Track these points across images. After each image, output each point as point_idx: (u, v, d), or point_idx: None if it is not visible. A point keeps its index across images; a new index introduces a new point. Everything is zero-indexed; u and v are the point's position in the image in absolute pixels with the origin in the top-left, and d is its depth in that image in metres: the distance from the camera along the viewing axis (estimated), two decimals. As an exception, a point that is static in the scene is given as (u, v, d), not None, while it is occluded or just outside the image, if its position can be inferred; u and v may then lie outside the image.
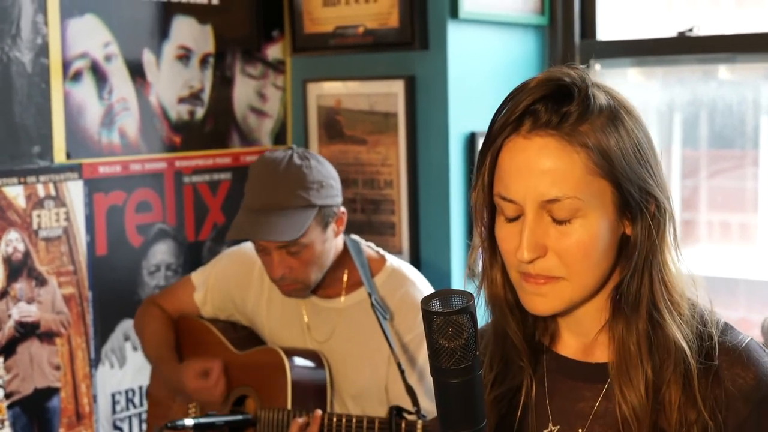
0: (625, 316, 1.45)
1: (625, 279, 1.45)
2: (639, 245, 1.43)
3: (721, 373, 1.42)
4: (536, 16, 3.39)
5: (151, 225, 3.15)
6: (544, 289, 1.43)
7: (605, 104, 1.42)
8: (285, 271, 2.64)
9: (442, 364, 1.33)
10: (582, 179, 1.39)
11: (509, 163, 1.42)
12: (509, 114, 1.42)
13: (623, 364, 1.44)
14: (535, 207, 1.40)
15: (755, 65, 3.30)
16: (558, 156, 1.39)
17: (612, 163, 1.39)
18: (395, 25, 3.20)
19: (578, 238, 1.40)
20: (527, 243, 1.40)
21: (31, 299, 2.84)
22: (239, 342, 2.83)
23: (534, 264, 1.42)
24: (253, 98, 3.44)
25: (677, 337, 1.43)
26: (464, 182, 3.22)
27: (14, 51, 2.78)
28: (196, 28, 3.25)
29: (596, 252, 1.41)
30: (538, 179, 1.39)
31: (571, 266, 1.41)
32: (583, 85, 1.42)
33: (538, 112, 1.40)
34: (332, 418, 2.52)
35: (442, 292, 1.33)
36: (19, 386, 2.83)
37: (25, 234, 2.82)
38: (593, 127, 1.39)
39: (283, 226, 2.57)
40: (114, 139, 3.04)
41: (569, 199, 1.38)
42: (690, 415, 1.41)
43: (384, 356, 2.66)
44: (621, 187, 1.40)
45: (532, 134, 1.40)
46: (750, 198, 3.37)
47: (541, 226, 1.40)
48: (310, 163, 2.64)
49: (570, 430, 1.50)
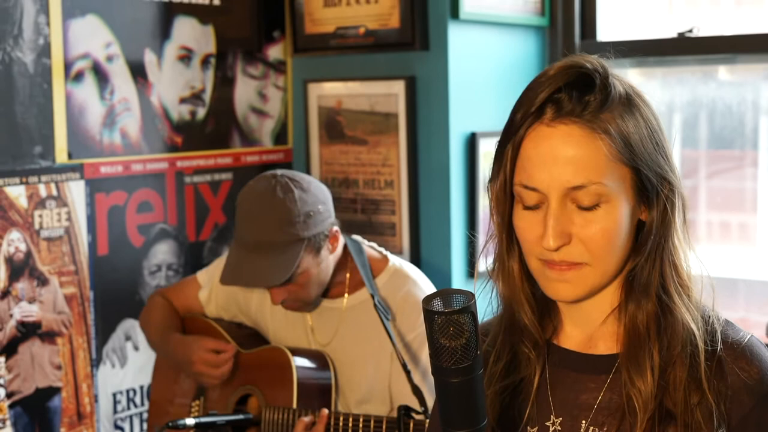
0: (636, 299, 1.47)
1: (639, 263, 1.47)
2: (654, 230, 1.46)
3: (725, 366, 1.44)
4: (536, 17, 3.39)
5: (153, 225, 3.16)
6: (569, 275, 1.45)
7: (623, 92, 1.45)
8: (284, 296, 2.66)
9: (443, 364, 1.33)
10: (606, 165, 1.40)
11: (533, 151, 1.43)
12: (530, 104, 1.43)
13: (632, 347, 1.46)
14: (560, 195, 1.41)
15: (755, 66, 3.31)
16: (583, 143, 1.40)
17: (632, 149, 1.42)
18: (396, 25, 3.20)
19: (603, 224, 1.42)
20: (553, 231, 1.41)
21: (33, 299, 2.85)
22: (244, 340, 2.83)
23: (559, 251, 1.43)
24: (254, 98, 3.44)
25: (686, 319, 1.45)
26: (465, 182, 3.23)
27: (16, 51, 2.78)
28: (197, 29, 3.26)
29: (619, 238, 1.43)
30: (563, 167, 1.41)
31: (595, 252, 1.43)
32: (604, 72, 1.44)
33: (560, 100, 1.42)
34: (339, 418, 2.53)
35: (443, 292, 1.34)
36: (20, 386, 2.84)
37: (26, 234, 2.82)
38: (614, 115, 1.42)
39: (274, 268, 2.58)
40: (115, 140, 3.04)
41: (594, 185, 1.40)
42: (694, 396, 1.42)
43: (387, 356, 2.66)
44: (640, 173, 1.43)
45: (556, 122, 1.42)
46: (749, 198, 3.37)
47: (566, 213, 1.42)
48: (294, 196, 2.61)
49: (573, 421, 1.51)
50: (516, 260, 1.52)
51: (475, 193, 3.22)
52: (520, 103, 1.45)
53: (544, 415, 1.53)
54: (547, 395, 1.54)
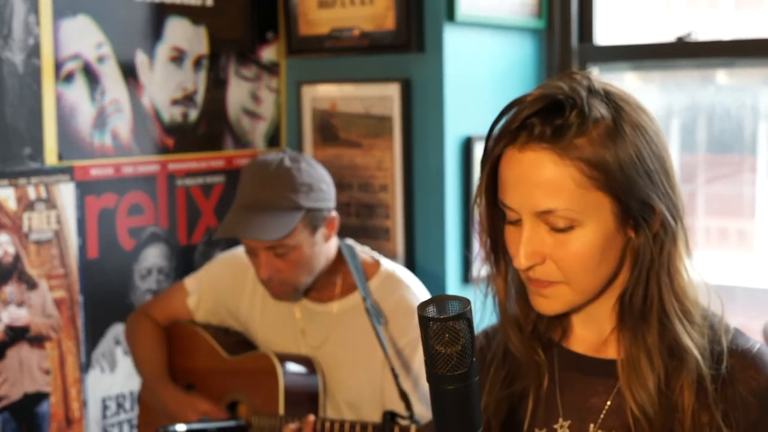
0: (632, 325, 1.48)
1: (629, 286, 1.48)
2: (642, 254, 1.46)
3: (734, 375, 1.45)
4: (534, 20, 3.37)
5: (143, 228, 3.13)
6: (546, 292, 1.47)
7: (604, 115, 1.43)
8: (272, 273, 2.65)
9: (439, 371, 1.32)
10: (575, 192, 1.41)
11: (507, 173, 1.46)
12: (507, 125, 1.46)
13: (631, 371, 1.47)
14: (531, 217, 1.44)
15: (753, 70, 3.30)
16: (550, 169, 1.42)
17: (607, 176, 1.41)
18: (391, 27, 3.18)
19: (575, 248, 1.43)
20: (524, 252, 1.44)
21: (21, 303, 2.82)
22: (231, 347, 2.82)
23: (534, 270, 1.46)
24: (247, 100, 3.42)
25: (688, 345, 1.45)
26: (460, 186, 3.21)
27: (6, 51, 2.76)
28: (189, 30, 3.23)
29: (593, 260, 1.44)
30: (532, 191, 1.43)
31: (568, 273, 1.45)
32: (578, 98, 1.43)
33: (533, 125, 1.43)
34: (324, 424, 2.52)
35: (438, 298, 1.33)
36: (8, 391, 2.81)
37: (15, 237, 2.79)
38: (589, 140, 1.42)
39: (269, 225, 2.58)
40: (106, 141, 3.01)
41: (562, 210, 1.42)
42: (703, 417, 1.44)
43: (379, 361, 2.65)
44: (619, 198, 1.42)
45: (527, 147, 1.43)
46: (748, 204, 3.37)
47: (539, 234, 1.44)
48: (300, 166, 2.66)
49: (581, 424, 1.52)
50: (502, 278, 1.56)
51: (471, 198, 3.20)
52: (496, 124, 1.49)
53: (552, 418, 1.54)
54: (555, 398, 1.55)
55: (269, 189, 2.62)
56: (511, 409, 1.56)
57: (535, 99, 1.45)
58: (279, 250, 2.62)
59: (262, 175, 2.65)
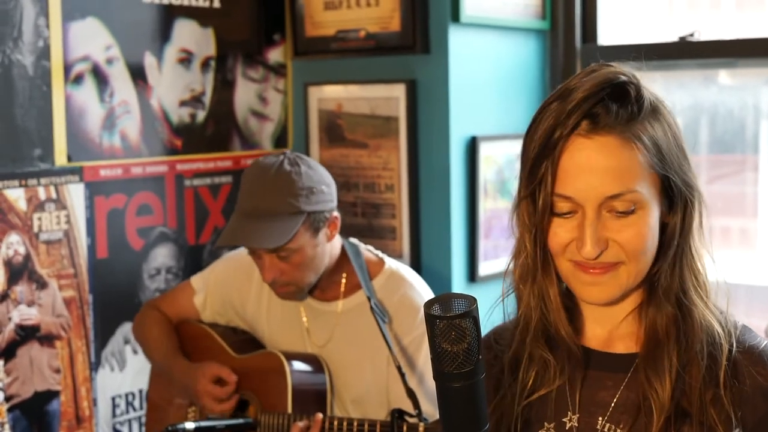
0: (656, 303, 1.50)
1: (662, 267, 1.50)
2: (676, 234, 1.49)
3: (741, 371, 1.47)
4: (537, 21, 3.39)
5: (152, 228, 3.15)
6: (603, 278, 1.47)
7: (652, 100, 1.48)
8: (276, 275, 2.65)
9: (445, 368, 1.33)
10: (640, 173, 1.44)
11: (569, 162, 1.45)
12: (566, 115, 1.44)
13: (651, 350, 1.49)
14: (596, 204, 1.44)
15: (756, 70, 3.31)
16: (618, 153, 1.43)
17: (662, 157, 1.45)
18: (397, 29, 3.20)
19: (638, 228, 1.45)
20: (591, 240, 1.44)
21: (32, 302, 2.84)
22: (239, 346, 2.83)
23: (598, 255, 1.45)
24: (254, 102, 3.44)
25: (707, 317, 1.49)
26: (465, 186, 3.22)
27: (16, 54, 2.78)
28: (197, 32, 3.25)
29: (651, 241, 1.47)
30: (600, 177, 1.43)
31: (631, 253, 1.45)
32: (637, 83, 1.48)
33: (596, 111, 1.44)
34: (333, 422, 2.52)
35: (444, 296, 1.34)
36: (19, 389, 2.83)
37: (25, 237, 2.81)
38: (645, 124, 1.45)
39: (270, 232, 2.58)
40: (115, 142, 3.04)
41: (631, 193, 1.43)
42: (707, 394, 1.45)
43: (384, 359, 2.66)
44: (668, 179, 1.46)
45: (593, 133, 1.44)
46: (750, 203, 3.37)
47: (602, 220, 1.45)
48: (300, 169, 2.65)
49: (590, 418, 1.52)
50: (552, 276, 1.53)
51: (476, 197, 3.22)
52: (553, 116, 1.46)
53: (561, 412, 1.55)
54: (564, 392, 1.56)
55: (269, 195, 2.62)
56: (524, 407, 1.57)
57: (594, 84, 1.45)
58: (282, 254, 2.62)
59: (262, 181, 2.64)
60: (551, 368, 1.55)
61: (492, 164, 3.28)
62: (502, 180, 3.33)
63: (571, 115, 1.44)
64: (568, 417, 1.54)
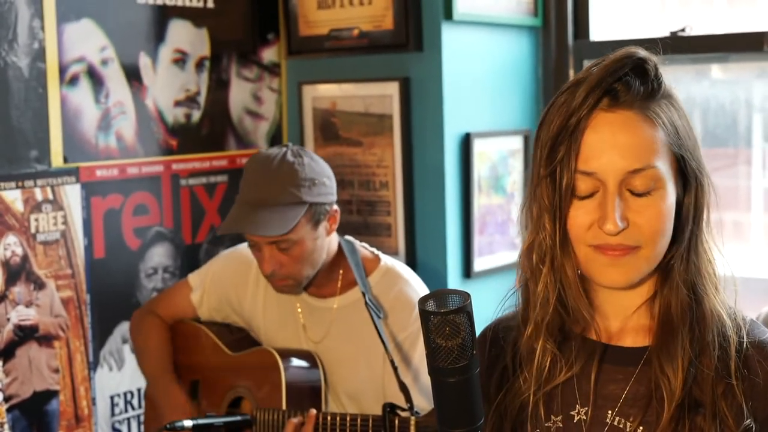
0: (670, 289, 1.50)
1: (677, 252, 1.50)
2: (690, 216, 1.50)
3: (751, 365, 1.47)
4: (530, 18, 3.40)
5: (149, 228, 3.16)
6: (623, 260, 1.46)
7: (667, 84, 1.50)
8: (275, 267, 2.66)
9: (440, 364, 1.34)
10: (660, 150, 1.45)
11: (592, 137, 1.45)
12: (586, 94, 1.45)
13: (665, 336, 1.48)
14: (618, 180, 1.44)
15: (748, 64, 3.31)
16: (640, 129, 1.45)
17: (679, 137, 1.47)
18: (390, 27, 3.21)
19: (657, 209, 1.45)
20: (615, 214, 1.43)
21: (30, 303, 2.85)
22: (234, 344, 2.84)
23: (617, 235, 1.45)
24: (249, 101, 3.45)
25: (717, 309, 1.49)
26: (460, 183, 3.23)
27: (11, 56, 2.79)
28: (191, 32, 3.26)
29: (669, 222, 1.47)
30: (622, 151, 1.44)
31: (649, 236, 1.45)
32: (656, 63, 1.49)
33: (617, 88, 1.46)
34: (327, 417, 2.54)
35: (438, 292, 1.34)
36: (18, 389, 2.84)
37: (23, 238, 2.82)
38: (664, 103, 1.48)
39: (272, 221, 2.60)
40: (111, 143, 3.05)
41: (651, 169, 1.44)
42: (719, 386, 1.45)
43: (379, 355, 2.67)
44: (684, 160, 1.47)
45: (614, 109, 1.46)
46: (743, 196, 3.38)
47: (623, 199, 1.45)
48: (303, 161, 2.67)
49: (599, 412, 1.52)
50: (570, 256, 1.51)
51: (470, 194, 3.23)
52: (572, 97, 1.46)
53: (569, 405, 1.55)
54: (572, 385, 1.55)
55: (272, 184, 2.64)
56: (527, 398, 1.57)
57: (615, 61, 1.46)
58: (282, 245, 2.63)
59: (265, 170, 2.66)
60: (561, 360, 1.55)
61: (486, 160, 3.29)
62: (496, 176, 3.34)
63: (593, 92, 1.45)
64: (576, 410, 1.54)
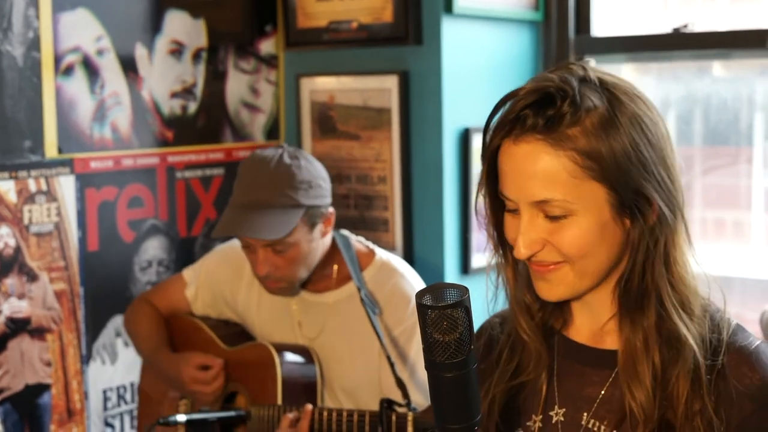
0: (630, 312, 1.48)
1: (625, 273, 1.48)
2: (637, 244, 1.46)
3: (727, 371, 1.45)
4: (531, 12, 3.38)
5: (143, 220, 3.14)
6: (550, 276, 1.48)
7: (597, 105, 1.44)
8: (270, 270, 2.65)
9: (437, 358, 1.33)
10: (569, 182, 1.42)
11: (504, 165, 1.47)
12: (503, 118, 1.48)
13: (630, 360, 1.48)
14: (528, 207, 1.45)
15: (749, 61, 3.31)
16: (544, 160, 1.43)
17: (601, 166, 1.42)
18: (389, 20, 3.19)
19: (571, 234, 1.44)
20: (523, 241, 1.45)
21: (22, 295, 2.83)
22: (229, 339, 2.83)
23: (535, 255, 1.47)
24: (246, 93, 3.43)
25: (685, 336, 1.45)
26: (458, 177, 3.22)
27: (5, 45, 2.77)
28: (188, 23, 3.24)
29: (589, 245, 1.45)
30: (528, 182, 1.44)
31: (569, 255, 1.46)
32: (569, 88, 1.44)
33: (526, 117, 1.44)
34: (322, 413, 2.52)
35: (436, 286, 1.33)
36: (9, 382, 2.82)
37: (16, 229, 2.80)
38: (582, 130, 1.42)
39: (269, 224, 2.58)
40: (106, 134, 3.02)
41: (558, 201, 1.43)
42: (695, 405, 1.44)
43: (375, 350, 2.66)
44: (614, 190, 1.43)
45: (521, 139, 1.45)
46: (744, 195, 3.37)
47: (536, 222, 1.45)
48: (300, 163, 2.65)
49: (576, 413, 1.53)
50: (510, 267, 1.57)
51: (469, 189, 3.21)
52: (492, 117, 1.50)
53: (549, 405, 1.56)
54: (553, 385, 1.56)
55: (270, 187, 2.61)
56: (511, 397, 1.57)
57: (527, 92, 1.46)
58: (278, 247, 2.61)
59: (262, 173, 2.64)
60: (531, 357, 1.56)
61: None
62: (495, 172, 3.31)
63: (506, 118, 1.46)
64: (554, 411, 1.55)
